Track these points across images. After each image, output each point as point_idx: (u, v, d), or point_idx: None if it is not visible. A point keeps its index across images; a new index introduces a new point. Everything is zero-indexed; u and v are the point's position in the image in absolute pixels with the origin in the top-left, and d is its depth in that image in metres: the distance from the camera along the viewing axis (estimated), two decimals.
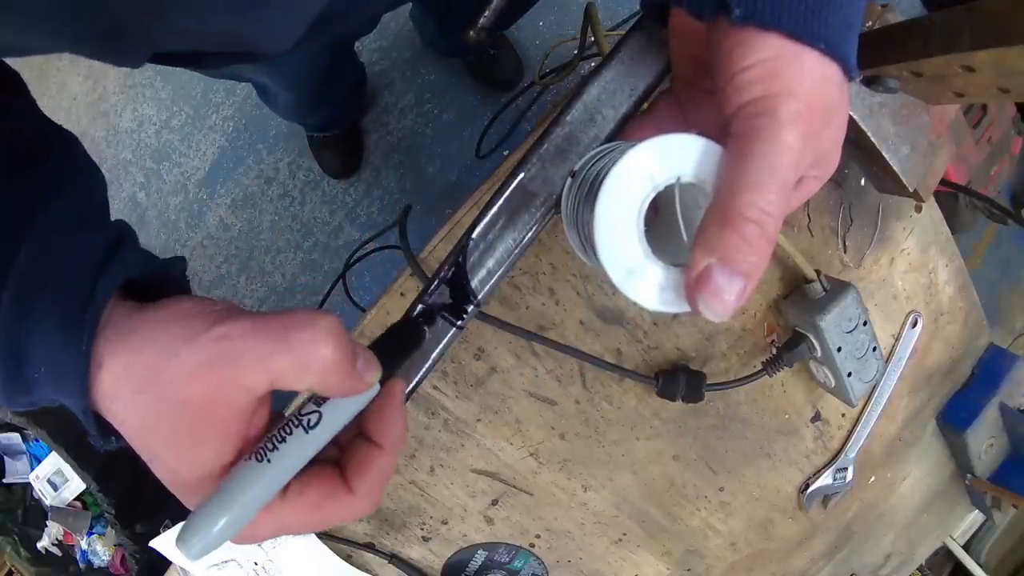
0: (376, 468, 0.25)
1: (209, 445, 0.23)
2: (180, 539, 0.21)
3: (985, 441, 0.69)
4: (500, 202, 0.32)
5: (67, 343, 0.22)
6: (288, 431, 0.23)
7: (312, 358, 0.22)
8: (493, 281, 0.32)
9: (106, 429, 0.25)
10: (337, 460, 0.26)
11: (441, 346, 0.32)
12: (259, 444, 0.23)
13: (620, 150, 0.24)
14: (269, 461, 0.23)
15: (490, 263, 0.32)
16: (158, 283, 0.28)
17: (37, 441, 1.09)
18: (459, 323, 0.32)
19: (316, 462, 0.24)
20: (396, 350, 0.28)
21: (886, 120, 0.37)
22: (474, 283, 0.32)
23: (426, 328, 0.31)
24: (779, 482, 0.65)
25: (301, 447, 0.23)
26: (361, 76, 1.25)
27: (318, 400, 0.24)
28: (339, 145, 1.41)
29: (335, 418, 0.24)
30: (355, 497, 0.25)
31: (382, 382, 0.26)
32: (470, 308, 0.32)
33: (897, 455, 0.70)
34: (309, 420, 0.24)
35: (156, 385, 0.22)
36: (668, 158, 0.23)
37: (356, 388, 0.24)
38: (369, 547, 0.56)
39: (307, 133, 1.41)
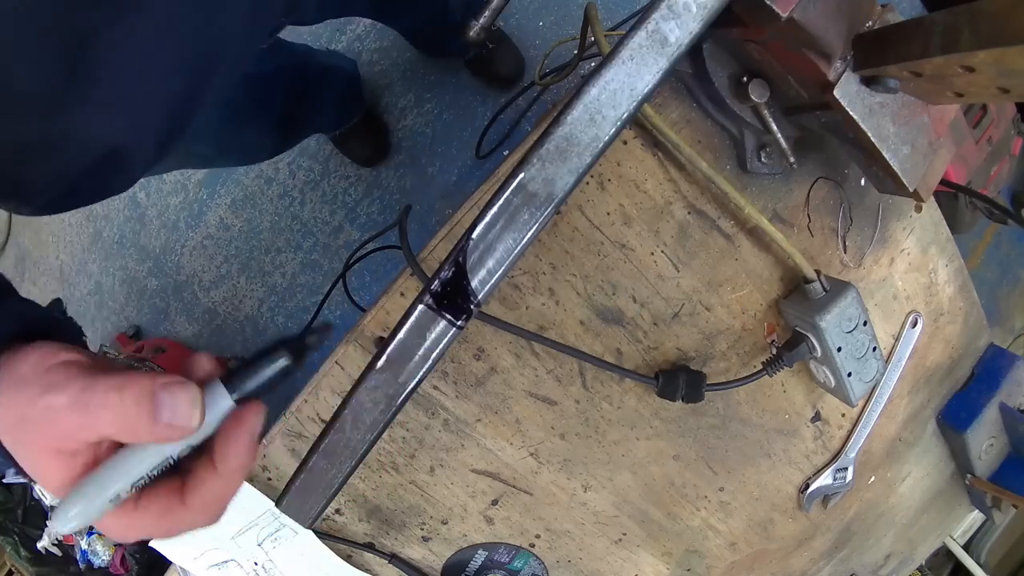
0: (208, 489, 0.28)
1: (58, 472, 0.27)
2: (49, 518, 0.25)
3: (985, 441, 0.69)
4: (500, 202, 0.32)
5: None
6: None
7: (100, 420, 0.26)
8: (493, 281, 0.32)
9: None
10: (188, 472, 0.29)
11: (441, 346, 0.32)
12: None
13: None
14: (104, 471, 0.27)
15: (490, 263, 0.32)
16: (42, 327, 0.31)
17: None
18: (459, 323, 0.32)
19: (171, 473, 0.28)
20: (255, 376, 0.29)
21: (886, 120, 0.37)
22: (474, 283, 0.32)
23: (290, 360, 0.30)
24: (779, 482, 0.65)
25: (125, 466, 0.27)
26: (337, 78, 1.22)
27: None
28: (361, 133, 1.39)
29: (141, 452, 0.27)
30: (189, 511, 0.28)
31: (240, 403, 0.28)
32: (470, 308, 0.32)
33: (897, 455, 0.70)
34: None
35: (12, 419, 0.27)
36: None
37: (161, 437, 0.27)
38: (369, 547, 0.56)
39: (327, 136, 1.40)
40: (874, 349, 0.52)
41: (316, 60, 1.14)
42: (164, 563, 0.57)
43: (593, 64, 0.33)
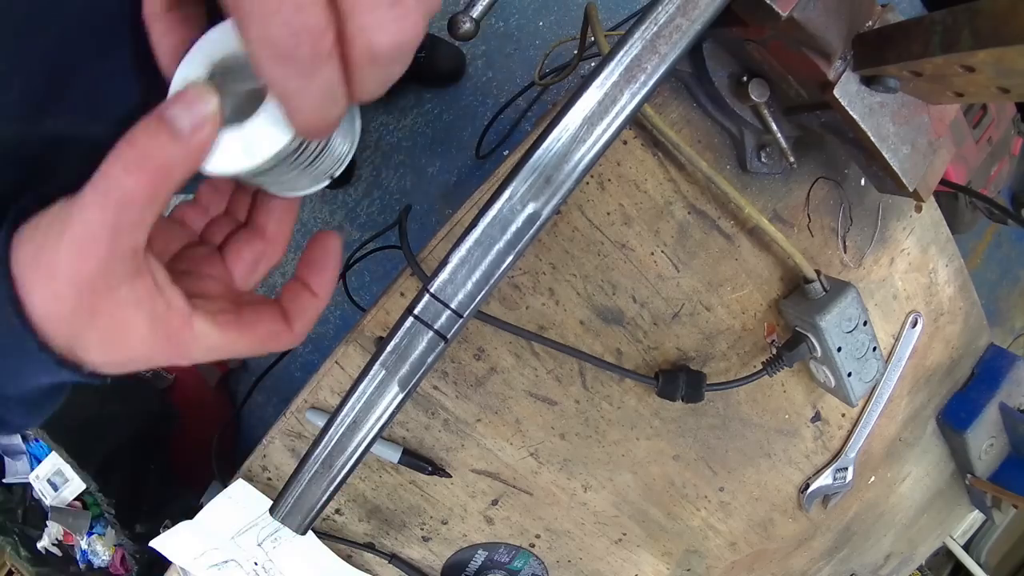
0: (308, 313, 0.31)
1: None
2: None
3: (985, 441, 0.69)
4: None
5: None
6: None
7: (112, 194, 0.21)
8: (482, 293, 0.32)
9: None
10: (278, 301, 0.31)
11: (437, 352, 0.32)
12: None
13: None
14: None
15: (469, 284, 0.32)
16: None
17: (37, 441, 1.10)
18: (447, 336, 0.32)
19: (265, 302, 0.30)
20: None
21: (886, 120, 0.37)
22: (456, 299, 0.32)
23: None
24: (779, 482, 0.65)
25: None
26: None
27: None
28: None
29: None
30: (293, 335, 0.30)
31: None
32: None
33: (897, 455, 0.70)
34: None
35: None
36: (211, 47, 0.24)
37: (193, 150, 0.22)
38: (369, 547, 0.56)
39: None
40: (874, 349, 0.52)
41: None
42: (164, 563, 0.57)
43: (593, 64, 0.33)
